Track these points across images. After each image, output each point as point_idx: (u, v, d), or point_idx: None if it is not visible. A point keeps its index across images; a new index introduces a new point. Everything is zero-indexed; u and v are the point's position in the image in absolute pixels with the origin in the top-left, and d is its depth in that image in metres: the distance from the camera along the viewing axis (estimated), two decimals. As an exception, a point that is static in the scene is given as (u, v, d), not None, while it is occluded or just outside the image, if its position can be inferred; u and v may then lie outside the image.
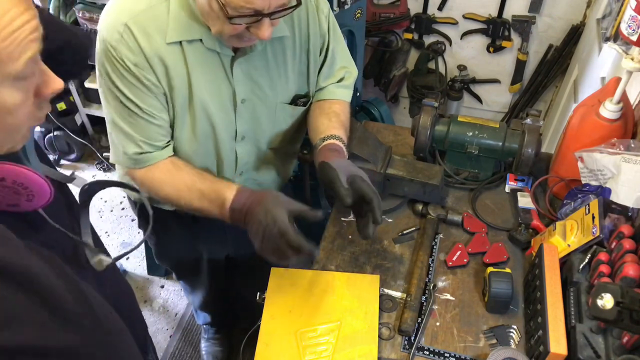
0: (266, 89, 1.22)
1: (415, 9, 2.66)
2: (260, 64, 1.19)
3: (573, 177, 1.33)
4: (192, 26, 1.08)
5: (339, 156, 1.19)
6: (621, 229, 1.11)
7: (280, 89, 1.25)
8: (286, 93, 1.28)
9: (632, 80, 1.25)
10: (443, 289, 1.23)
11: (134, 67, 1.07)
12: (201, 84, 1.15)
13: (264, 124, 1.29)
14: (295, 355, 1.10)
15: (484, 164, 1.45)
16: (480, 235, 1.32)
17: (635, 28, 1.11)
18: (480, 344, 1.13)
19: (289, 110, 1.31)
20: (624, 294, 0.83)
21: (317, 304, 1.18)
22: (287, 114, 1.31)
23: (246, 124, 1.26)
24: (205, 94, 1.16)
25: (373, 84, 2.93)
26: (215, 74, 1.16)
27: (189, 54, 1.11)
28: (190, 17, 1.08)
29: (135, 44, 1.06)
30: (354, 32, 1.65)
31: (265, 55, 1.18)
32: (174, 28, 1.08)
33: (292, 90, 1.28)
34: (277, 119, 1.30)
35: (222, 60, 1.15)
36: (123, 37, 1.05)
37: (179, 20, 1.08)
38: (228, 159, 1.31)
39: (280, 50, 1.20)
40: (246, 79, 1.19)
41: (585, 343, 0.99)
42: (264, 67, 1.20)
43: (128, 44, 1.06)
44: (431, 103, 1.44)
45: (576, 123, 1.34)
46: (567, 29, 2.51)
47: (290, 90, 1.28)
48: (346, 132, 1.29)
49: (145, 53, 1.07)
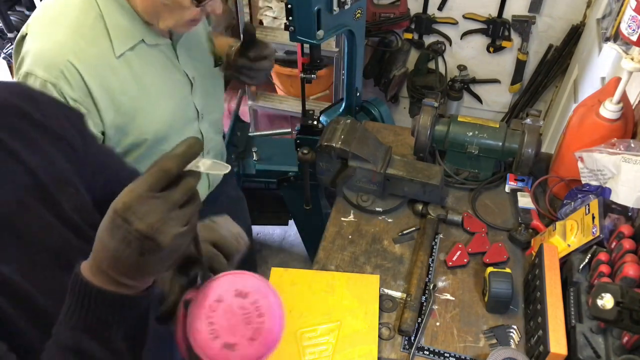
0: (202, 61, 1.30)
1: (415, 9, 2.66)
2: (191, 40, 1.25)
3: (573, 177, 1.33)
4: (132, 30, 1.09)
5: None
6: (621, 229, 1.11)
7: (207, 56, 1.34)
8: (210, 58, 1.36)
9: (632, 80, 1.25)
10: (443, 289, 1.23)
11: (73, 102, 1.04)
12: (156, 83, 1.17)
13: (211, 94, 1.35)
14: (295, 355, 1.10)
15: (484, 164, 1.45)
16: (480, 235, 1.32)
17: (635, 28, 1.11)
18: (480, 344, 1.13)
19: (217, 72, 1.38)
20: (624, 294, 0.83)
21: (317, 304, 1.18)
22: (220, 75, 1.40)
23: (202, 99, 1.31)
24: (162, 91, 1.19)
25: (373, 84, 2.93)
26: (164, 67, 1.18)
27: (133, 61, 1.11)
28: (129, 20, 1.08)
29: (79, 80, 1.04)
30: (354, 32, 1.65)
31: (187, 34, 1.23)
32: (117, 39, 1.07)
33: (210, 54, 1.37)
34: (216, 84, 1.38)
35: (165, 50, 1.17)
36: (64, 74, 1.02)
37: (119, 28, 1.07)
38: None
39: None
40: (188, 58, 1.24)
41: (585, 343, 0.99)
42: (194, 41, 1.27)
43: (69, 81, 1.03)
44: (431, 103, 1.44)
45: (576, 123, 1.34)
46: (567, 29, 2.51)
47: (210, 54, 1.36)
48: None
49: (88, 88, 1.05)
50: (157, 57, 1.17)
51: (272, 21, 2.70)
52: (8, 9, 2.32)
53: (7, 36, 2.31)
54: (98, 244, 0.59)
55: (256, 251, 2.59)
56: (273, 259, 2.56)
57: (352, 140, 1.35)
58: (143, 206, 0.55)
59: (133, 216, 0.55)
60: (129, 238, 0.56)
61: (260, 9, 2.72)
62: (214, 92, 1.38)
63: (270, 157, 2.12)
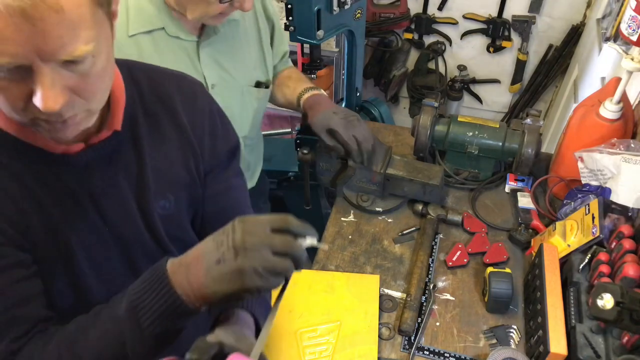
0: (232, 72, 1.26)
1: (415, 9, 2.66)
2: (223, 47, 1.22)
3: (573, 177, 1.33)
4: (154, 16, 1.09)
5: (319, 106, 1.33)
6: (621, 229, 1.11)
7: (245, 72, 1.29)
8: (250, 76, 1.31)
9: (632, 80, 1.25)
10: (443, 289, 1.23)
11: None
12: None
13: (234, 109, 1.30)
14: (295, 355, 1.10)
15: (484, 164, 1.45)
16: (480, 235, 1.32)
17: (635, 28, 1.11)
18: (480, 344, 1.13)
19: (255, 93, 1.33)
20: (624, 294, 0.83)
21: (317, 304, 1.18)
22: (254, 97, 1.33)
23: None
24: None
25: (373, 84, 2.93)
26: (179, 62, 1.17)
27: (145, 45, 1.11)
28: (155, 6, 1.08)
29: None
30: (354, 32, 1.65)
31: (225, 38, 1.21)
32: (135, 20, 1.08)
33: (254, 75, 1.32)
34: (245, 104, 1.33)
35: (187, 46, 1.16)
36: None
37: (141, 11, 1.08)
38: None
39: (236, 33, 1.24)
40: (213, 63, 1.21)
41: (585, 343, 0.99)
42: (228, 51, 1.23)
43: None
44: (431, 103, 1.44)
45: (576, 123, 1.34)
46: (567, 29, 2.51)
47: (253, 74, 1.32)
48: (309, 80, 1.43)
49: None
50: (174, 50, 1.15)
51: (272, 21, 2.69)
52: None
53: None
54: (199, 244, 0.68)
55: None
56: (273, 259, 2.55)
57: (352, 140, 1.35)
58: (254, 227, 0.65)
59: (240, 226, 0.66)
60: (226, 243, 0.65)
61: (260, 9, 2.72)
62: (239, 111, 1.31)
63: (270, 157, 2.12)
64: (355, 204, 1.42)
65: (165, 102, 0.86)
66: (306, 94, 1.37)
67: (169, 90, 0.87)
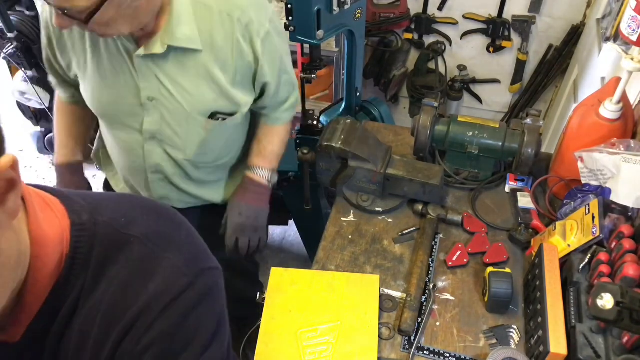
0: (177, 96, 1.20)
1: (415, 9, 2.66)
2: (170, 68, 1.17)
3: (573, 177, 1.33)
4: None
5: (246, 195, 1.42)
6: (621, 229, 1.11)
7: (195, 100, 1.22)
8: (202, 106, 1.24)
9: (632, 80, 1.25)
10: (443, 289, 1.23)
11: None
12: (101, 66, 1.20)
13: (175, 131, 1.26)
14: (295, 355, 1.10)
15: (484, 164, 1.45)
16: (480, 235, 1.32)
17: (635, 28, 1.11)
18: (480, 344, 1.13)
19: (202, 122, 1.26)
20: (624, 294, 0.83)
21: (317, 304, 1.18)
22: (200, 126, 1.27)
23: (156, 124, 1.25)
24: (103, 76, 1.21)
25: (373, 84, 2.93)
26: (113, 58, 1.18)
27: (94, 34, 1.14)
28: None
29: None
30: (354, 32, 1.65)
31: (175, 62, 1.17)
32: None
33: (208, 106, 1.24)
34: (190, 131, 1.27)
35: (127, 47, 1.16)
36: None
37: None
38: (134, 152, 1.32)
39: (193, 62, 1.18)
40: (154, 79, 1.18)
41: (585, 343, 0.99)
42: (175, 76, 1.18)
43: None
44: (431, 103, 1.44)
45: (576, 123, 1.34)
46: (567, 29, 2.51)
47: (206, 104, 1.24)
48: (272, 155, 1.43)
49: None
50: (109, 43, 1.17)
51: (272, 21, 2.69)
52: (8, 9, 2.32)
53: (7, 36, 2.31)
54: None
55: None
56: (273, 259, 2.55)
57: (352, 140, 1.35)
58: None
59: None
60: None
61: (260, 9, 2.72)
62: (185, 135, 1.27)
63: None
64: (355, 204, 1.42)
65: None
66: (249, 172, 1.42)
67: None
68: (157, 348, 0.62)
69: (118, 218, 0.66)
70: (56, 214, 0.63)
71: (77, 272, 0.62)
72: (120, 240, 0.64)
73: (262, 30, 1.19)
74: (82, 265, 0.62)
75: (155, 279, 0.62)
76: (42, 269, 0.60)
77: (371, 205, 1.41)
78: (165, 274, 0.63)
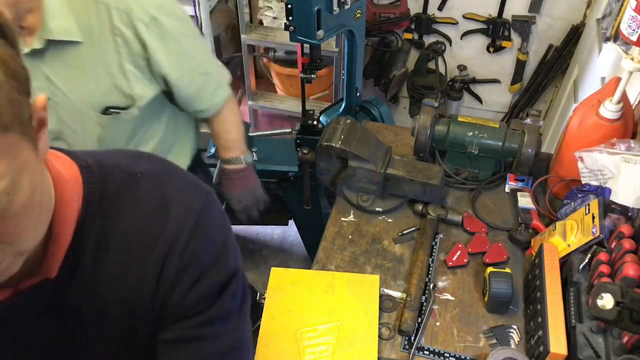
0: (68, 94, 1.17)
1: (415, 9, 2.66)
2: (57, 66, 1.14)
3: (573, 177, 1.33)
4: None
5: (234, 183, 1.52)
6: (621, 229, 1.11)
7: (83, 95, 1.17)
8: (92, 100, 1.19)
9: (632, 80, 1.25)
10: (443, 289, 1.23)
11: None
12: None
13: (74, 129, 1.23)
14: (295, 355, 1.10)
15: (484, 164, 1.45)
16: (480, 235, 1.32)
17: (635, 28, 1.11)
18: (480, 344, 1.13)
19: (96, 119, 1.21)
20: (624, 294, 0.83)
21: (317, 304, 1.18)
22: (94, 122, 1.21)
23: (57, 124, 1.21)
24: None
25: (373, 84, 2.93)
26: None
27: None
28: None
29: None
30: (354, 32, 1.65)
31: (60, 57, 1.13)
32: None
33: (99, 99, 1.19)
34: (86, 128, 1.23)
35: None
36: None
37: None
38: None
39: (76, 55, 1.13)
40: (44, 80, 1.14)
41: (585, 343, 0.99)
42: (62, 72, 1.15)
43: None
44: (431, 103, 1.44)
45: (576, 123, 1.34)
46: (567, 29, 2.51)
47: (96, 98, 1.19)
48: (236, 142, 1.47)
49: None
50: None
51: (272, 21, 2.70)
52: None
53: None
54: None
55: (256, 251, 2.59)
56: (273, 259, 2.56)
57: (352, 140, 1.35)
58: None
59: None
60: None
61: (260, 9, 2.72)
62: (82, 134, 1.23)
63: (270, 157, 2.12)
64: (355, 204, 1.42)
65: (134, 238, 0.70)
66: (226, 165, 1.49)
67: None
68: (194, 266, 0.70)
69: (120, 161, 0.73)
70: (64, 159, 0.68)
71: (94, 209, 0.68)
72: (129, 178, 0.71)
73: (145, 16, 1.12)
74: (98, 203, 0.68)
75: (173, 207, 0.70)
76: (67, 206, 0.65)
77: (371, 205, 1.41)
78: (179, 200, 0.71)
